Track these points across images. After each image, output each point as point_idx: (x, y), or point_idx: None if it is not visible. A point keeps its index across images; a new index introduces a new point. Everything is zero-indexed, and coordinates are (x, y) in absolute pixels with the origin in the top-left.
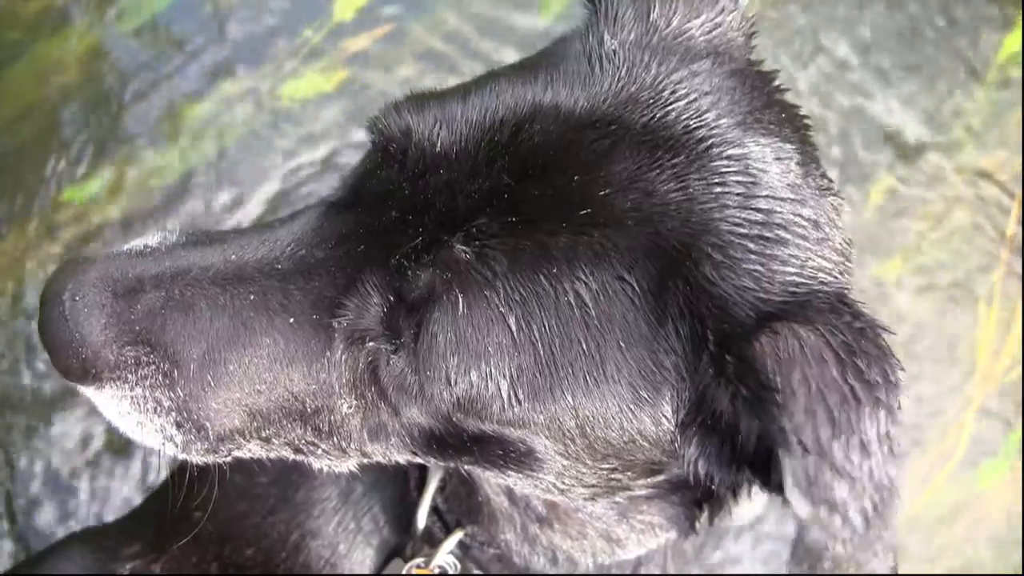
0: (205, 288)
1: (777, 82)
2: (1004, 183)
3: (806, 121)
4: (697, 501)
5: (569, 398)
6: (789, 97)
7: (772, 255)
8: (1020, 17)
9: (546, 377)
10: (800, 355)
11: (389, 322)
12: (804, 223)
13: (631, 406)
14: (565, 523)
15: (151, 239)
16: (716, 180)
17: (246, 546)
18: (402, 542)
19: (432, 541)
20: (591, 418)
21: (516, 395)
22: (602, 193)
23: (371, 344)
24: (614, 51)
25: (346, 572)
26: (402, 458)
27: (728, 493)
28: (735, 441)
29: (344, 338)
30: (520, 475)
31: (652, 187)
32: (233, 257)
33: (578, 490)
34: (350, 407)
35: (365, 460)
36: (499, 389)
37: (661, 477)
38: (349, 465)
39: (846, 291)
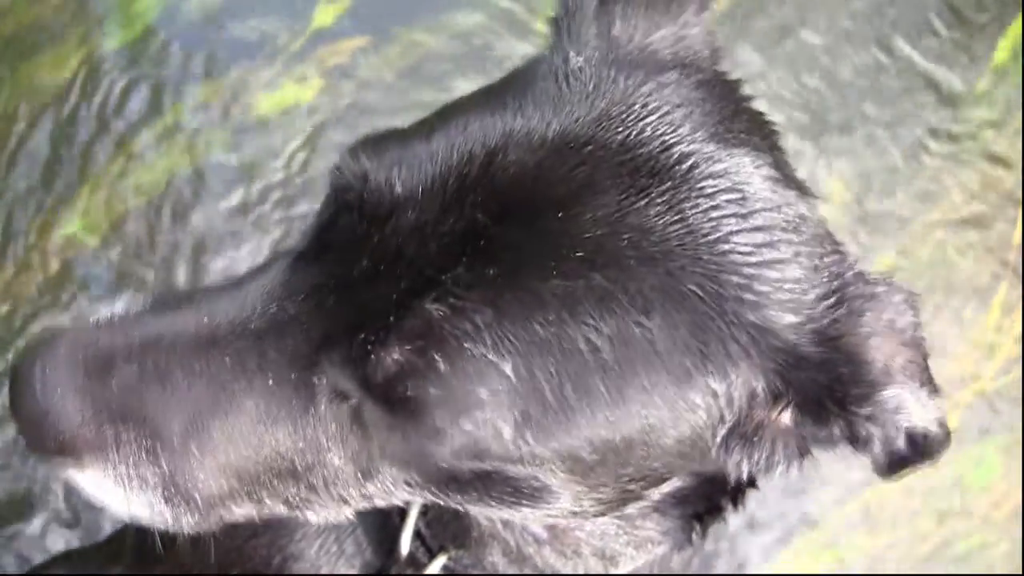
0: (179, 356)
1: (744, 90)
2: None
3: (773, 128)
4: (697, 514)
5: (587, 433)
6: (757, 103)
7: (794, 276)
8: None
9: (559, 418)
10: (878, 347)
11: (363, 387)
12: (798, 223)
13: (660, 431)
14: (562, 542)
15: (118, 306)
16: (709, 204)
17: (229, 568)
18: (385, 565)
19: (416, 565)
20: (614, 447)
21: (523, 437)
22: (593, 233)
23: (352, 401)
24: (580, 68)
25: None
26: (404, 497)
27: (728, 503)
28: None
29: (325, 393)
30: (533, 509)
31: (646, 222)
32: (205, 320)
33: (592, 508)
34: (342, 458)
35: (366, 504)
36: (501, 433)
37: (674, 484)
38: (348, 513)
39: (857, 268)
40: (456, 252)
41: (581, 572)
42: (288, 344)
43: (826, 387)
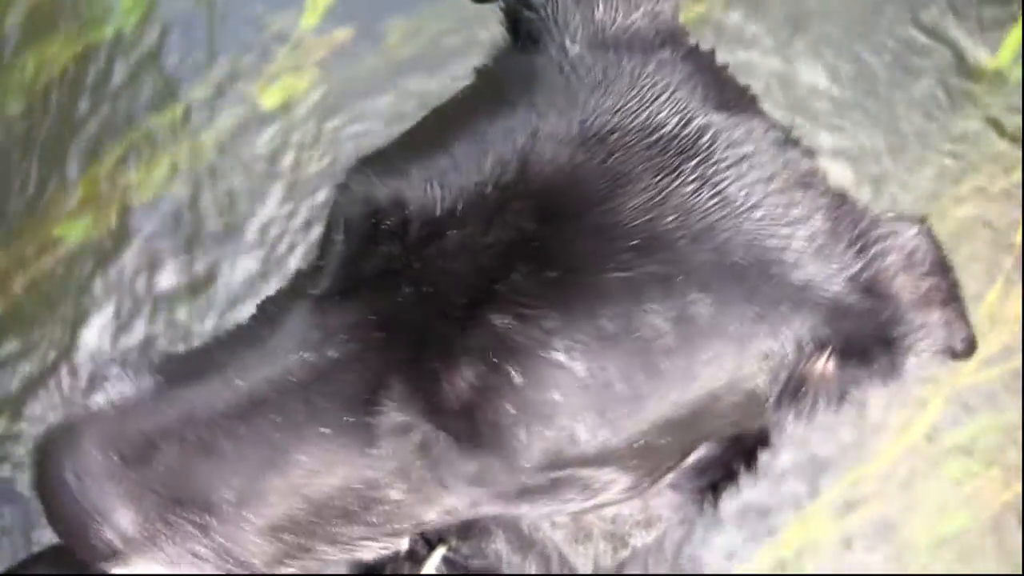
0: (222, 426)
1: (719, 60)
2: None
3: (753, 93)
4: (712, 484)
5: (658, 417)
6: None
7: (822, 230)
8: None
9: (632, 409)
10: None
11: (433, 417)
12: (811, 178)
13: (722, 399)
14: (577, 525)
15: (123, 384)
16: (736, 173)
17: None
18: (380, 559)
19: (414, 558)
20: (682, 425)
21: (601, 435)
22: (640, 221)
23: (417, 434)
24: (580, 56)
25: None
26: (463, 518)
27: (742, 466)
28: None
29: (385, 433)
30: (585, 503)
31: (685, 201)
32: (239, 383)
33: (644, 487)
34: (403, 491)
35: (419, 531)
36: (578, 436)
37: (698, 453)
38: (402, 545)
39: (868, 211)
40: (509, 261)
41: (590, 554)
42: (338, 390)
43: (868, 331)
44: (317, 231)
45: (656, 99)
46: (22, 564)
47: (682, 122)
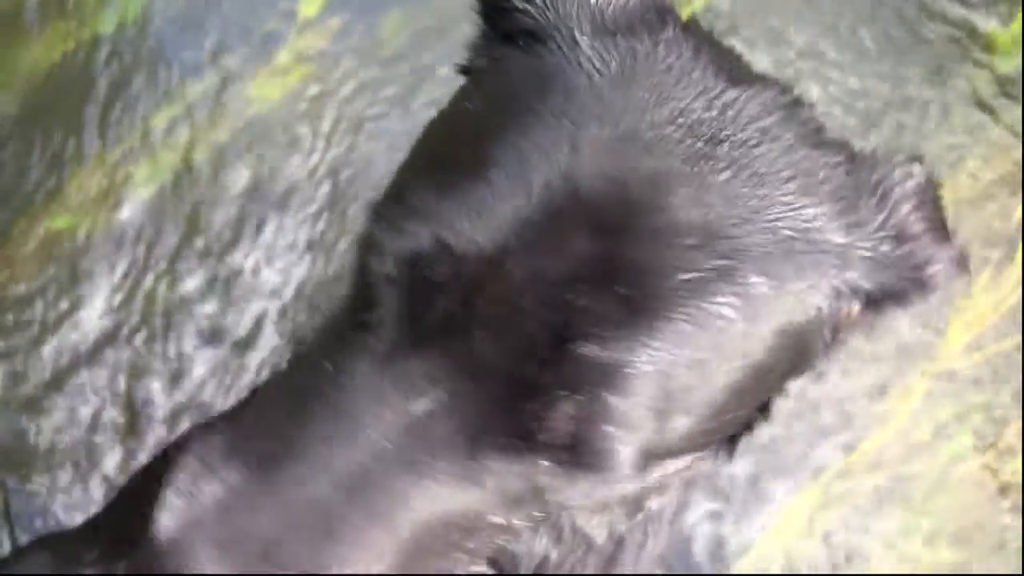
0: (332, 510)
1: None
2: None
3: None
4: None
5: (731, 399)
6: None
7: (845, 185)
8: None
9: (712, 398)
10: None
11: (535, 453)
12: (821, 135)
13: (783, 366)
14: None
15: (207, 482)
16: (766, 146)
17: None
18: None
19: None
20: (750, 399)
21: (689, 431)
22: (690, 216)
23: (520, 469)
24: (593, 49)
25: None
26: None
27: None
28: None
29: (489, 474)
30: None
31: (728, 186)
32: (334, 460)
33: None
34: (505, 517)
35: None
36: (667, 435)
37: None
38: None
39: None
40: (576, 287)
41: (606, 525)
42: (434, 445)
43: (901, 276)
44: (319, 231)
45: (677, 84)
46: (18, 550)
47: (705, 105)
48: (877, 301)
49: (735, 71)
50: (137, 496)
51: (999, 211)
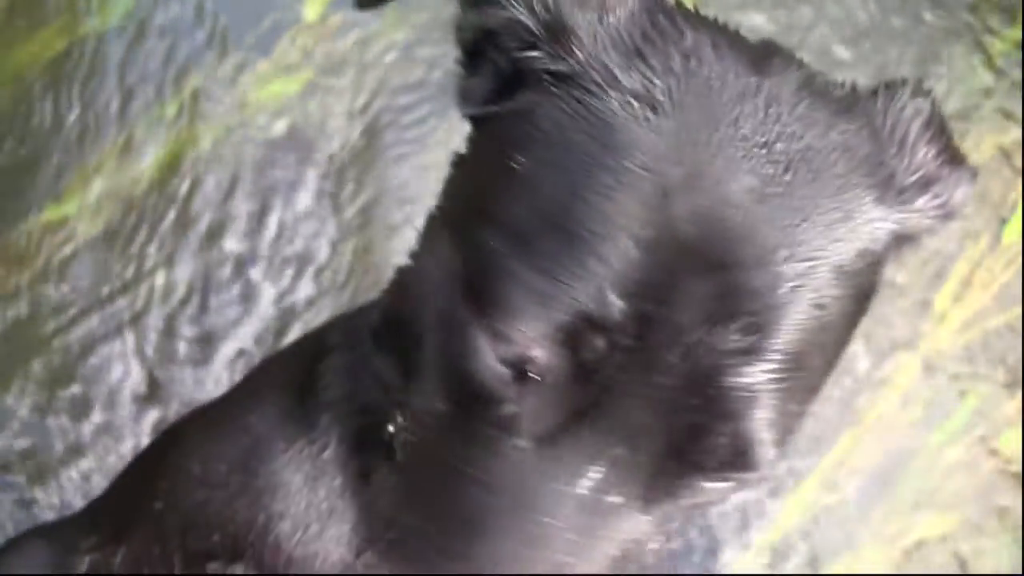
0: None
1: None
2: None
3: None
4: None
5: (823, 381)
6: None
7: (874, 136)
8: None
9: (823, 377)
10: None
11: (702, 480)
12: (832, 90)
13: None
14: None
15: None
16: (807, 141)
17: (210, 533)
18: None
19: None
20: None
21: (802, 414)
22: (778, 226)
23: (688, 499)
24: (632, 80)
25: (320, 549)
26: None
27: None
28: None
29: (663, 512)
30: None
31: (789, 187)
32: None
33: None
34: (661, 541)
35: None
36: (800, 423)
37: None
38: None
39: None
40: (709, 329)
41: None
42: (610, 514)
43: (926, 210)
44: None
45: (720, 96)
46: (16, 537)
47: (751, 110)
48: (910, 236)
49: (757, 58)
50: (137, 481)
51: (993, 189)
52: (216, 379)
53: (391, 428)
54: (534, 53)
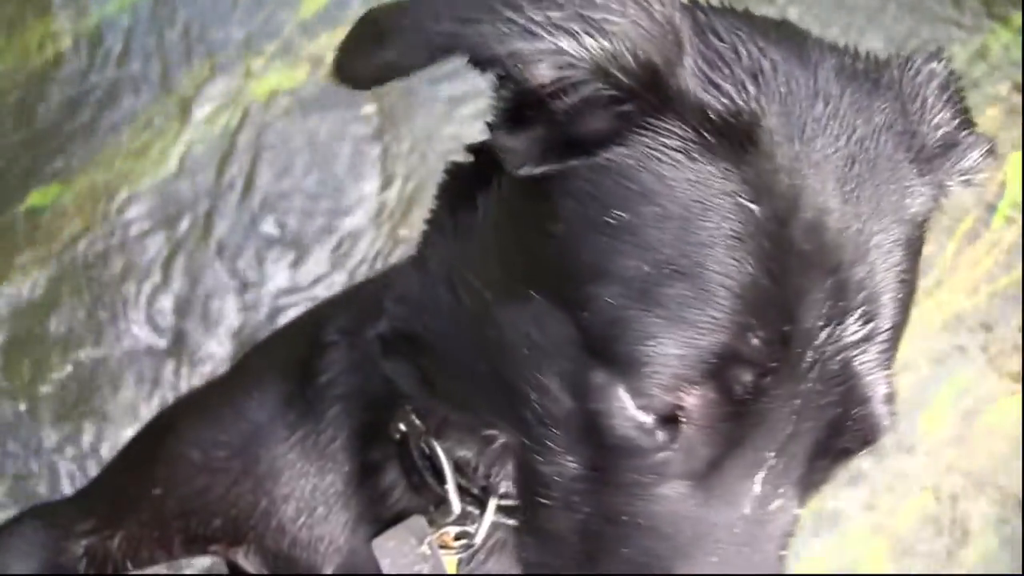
0: None
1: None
2: None
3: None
4: None
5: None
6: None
7: (906, 105)
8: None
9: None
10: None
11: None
12: (869, 72)
13: None
14: None
15: None
16: (861, 128)
17: (212, 517)
18: (374, 503)
19: (468, 517)
20: None
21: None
22: (864, 220)
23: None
24: (695, 130)
25: (326, 532)
26: None
27: None
28: None
29: None
30: None
31: (861, 178)
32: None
33: None
34: None
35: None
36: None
37: None
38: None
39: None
40: (834, 330)
41: None
42: (774, 530)
43: (948, 175)
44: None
45: (792, 104)
46: (12, 520)
47: (809, 103)
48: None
49: (794, 49)
50: (132, 466)
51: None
52: None
53: (402, 427)
54: (625, 107)
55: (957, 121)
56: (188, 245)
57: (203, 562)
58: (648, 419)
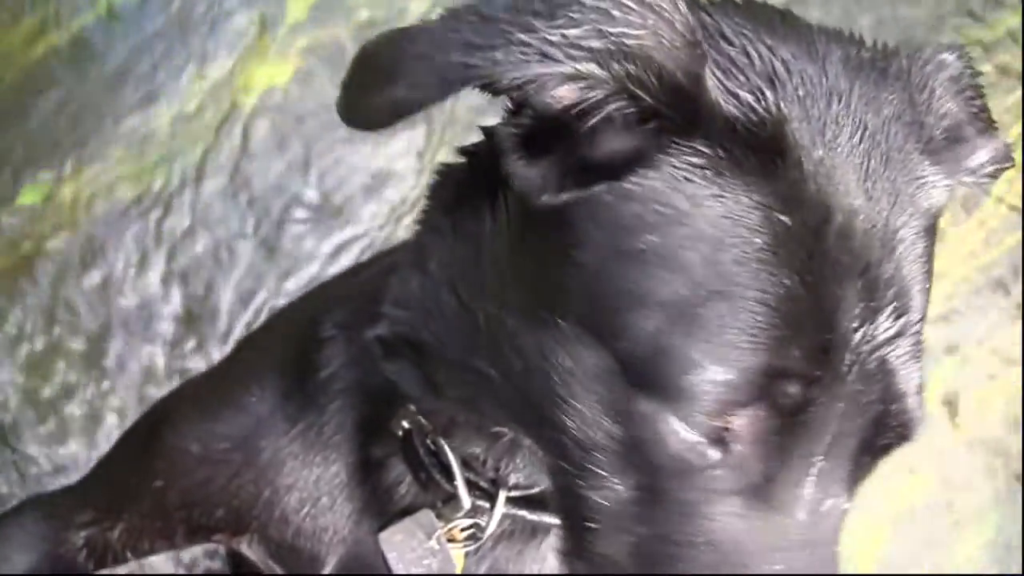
0: None
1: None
2: None
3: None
4: None
5: None
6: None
7: (918, 95)
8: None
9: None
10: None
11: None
12: (868, 60)
13: None
14: None
15: None
16: (872, 121)
17: (214, 508)
18: (375, 491)
19: (479, 511)
20: None
21: None
22: (885, 214)
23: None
24: (720, 147)
25: (330, 523)
26: None
27: None
28: None
29: None
30: None
31: (877, 172)
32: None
33: None
34: None
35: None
36: None
37: None
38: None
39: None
40: (868, 329)
41: None
42: (830, 534)
43: (956, 170)
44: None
45: (809, 107)
46: (11, 510)
47: (834, 112)
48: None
49: (802, 43)
50: (130, 458)
51: None
52: None
53: (406, 424)
54: (649, 126)
55: (965, 115)
56: (178, 243)
57: (206, 562)
58: (696, 442)
